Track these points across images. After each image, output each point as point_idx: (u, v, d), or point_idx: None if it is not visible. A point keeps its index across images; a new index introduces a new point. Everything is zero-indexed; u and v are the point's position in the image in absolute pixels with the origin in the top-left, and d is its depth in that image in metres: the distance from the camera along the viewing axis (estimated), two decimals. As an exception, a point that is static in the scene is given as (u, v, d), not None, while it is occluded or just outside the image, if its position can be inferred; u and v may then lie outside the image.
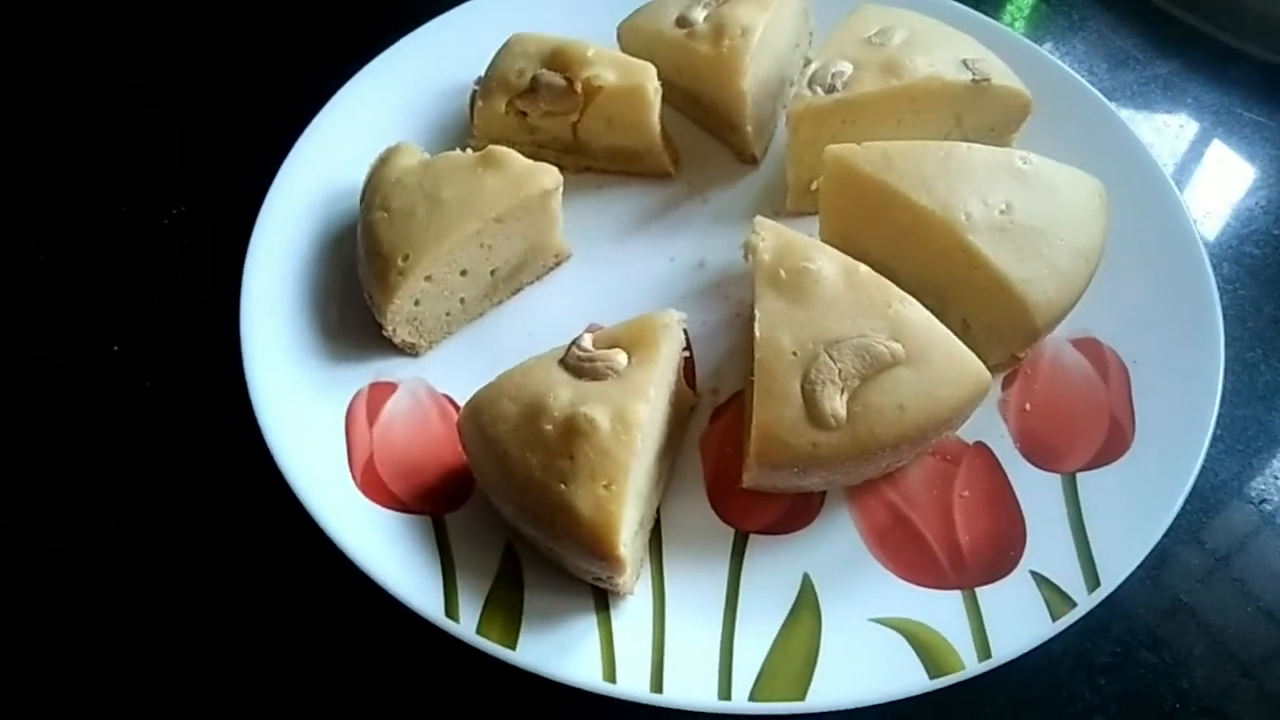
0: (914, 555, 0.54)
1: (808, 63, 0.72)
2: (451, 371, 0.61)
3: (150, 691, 0.54)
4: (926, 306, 0.56)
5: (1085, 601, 0.50)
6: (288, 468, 0.53)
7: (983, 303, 0.56)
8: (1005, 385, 0.60)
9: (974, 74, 0.62)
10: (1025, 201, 0.56)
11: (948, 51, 0.64)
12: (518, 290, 0.65)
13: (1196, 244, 0.62)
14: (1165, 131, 0.77)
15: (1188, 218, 0.63)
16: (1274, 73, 0.79)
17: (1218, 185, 0.74)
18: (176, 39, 0.82)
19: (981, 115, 0.65)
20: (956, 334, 0.55)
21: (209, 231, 0.70)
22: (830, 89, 0.62)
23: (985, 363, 0.54)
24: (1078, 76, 0.70)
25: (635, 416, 0.50)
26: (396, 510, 0.54)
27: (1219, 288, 0.60)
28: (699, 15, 0.67)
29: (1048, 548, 0.53)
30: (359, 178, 0.63)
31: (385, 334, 0.60)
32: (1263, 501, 0.60)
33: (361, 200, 0.62)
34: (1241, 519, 0.59)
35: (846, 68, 0.63)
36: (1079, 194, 0.58)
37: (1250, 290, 0.68)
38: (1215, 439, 0.56)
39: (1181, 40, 0.82)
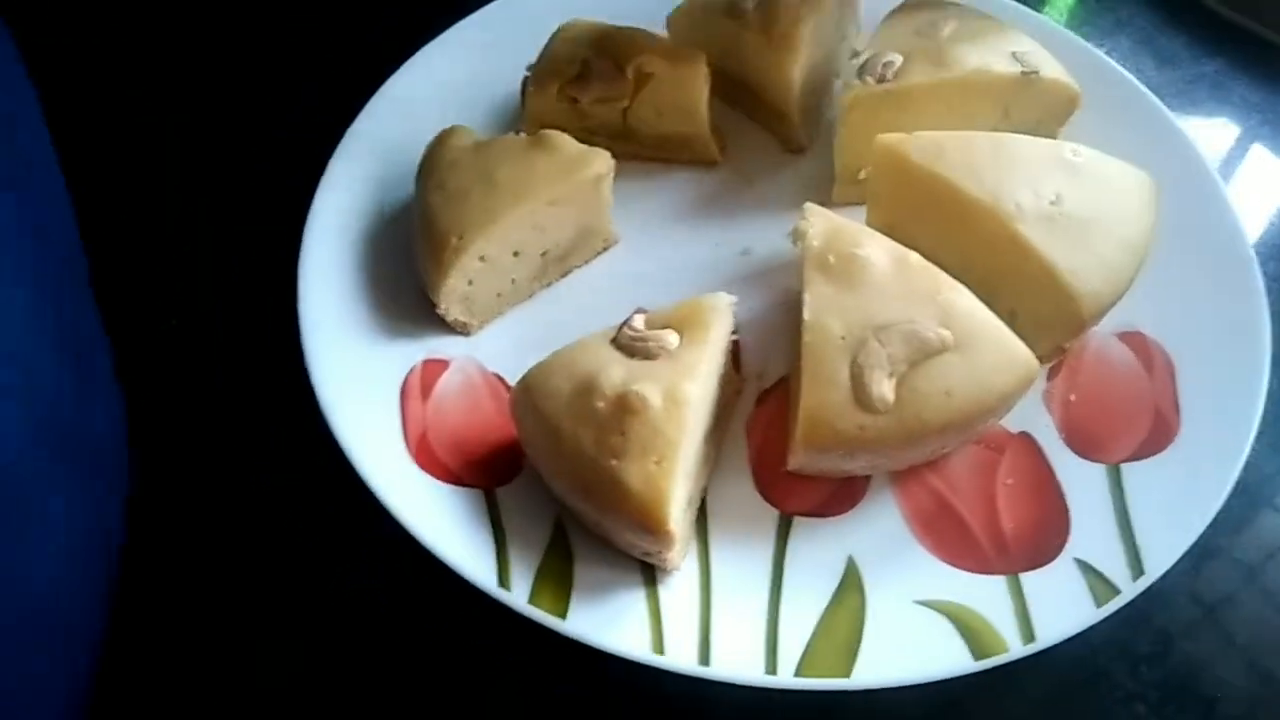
0: (958, 540, 0.54)
1: (855, 54, 0.73)
2: (502, 351, 0.62)
3: (212, 646, 0.55)
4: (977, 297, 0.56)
5: (1129, 589, 0.51)
6: (346, 440, 0.55)
7: (1030, 293, 0.57)
8: (1050, 376, 0.60)
9: (1023, 66, 0.63)
10: (1075, 193, 0.57)
11: (996, 44, 0.64)
12: (567, 273, 0.66)
13: (1243, 240, 0.62)
14: (1211, 129, 0.77)
15: (1234, 214, 0.63)
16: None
17: (1263, 183, 0.74)
18: (243, 18, 0.84)
19: (1029, 107, 0.65)
20: (1008, 325, 0.55)
21: (267, 208, 0.71)
22: (881, 79, 0.63)
23: (1038, 353, 0.54)
24: (1124, 71, 0.70)
25: (686, 395, 0.51)
26: (450, 483, 0.55)
27: (1264, 285, 0.61)
28: (750, 4, 0.68)
29: (1092, 536, 0.53)
30: (415, 159, 0.64)
31: (438, 312, 0.61)
32: (1305, 497, 0.60)
33: (417, 181, 0.63)
34: (1284, 515, 0.60)
35: (896, 58, 0.63)
36: (1128, 186, 0.58)
37: (1295, 289, 0.68)
38: (1259, 434, 0.56)
39: (1228, 39, 0.81)
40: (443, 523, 0.53)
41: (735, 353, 0.62)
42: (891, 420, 0.52)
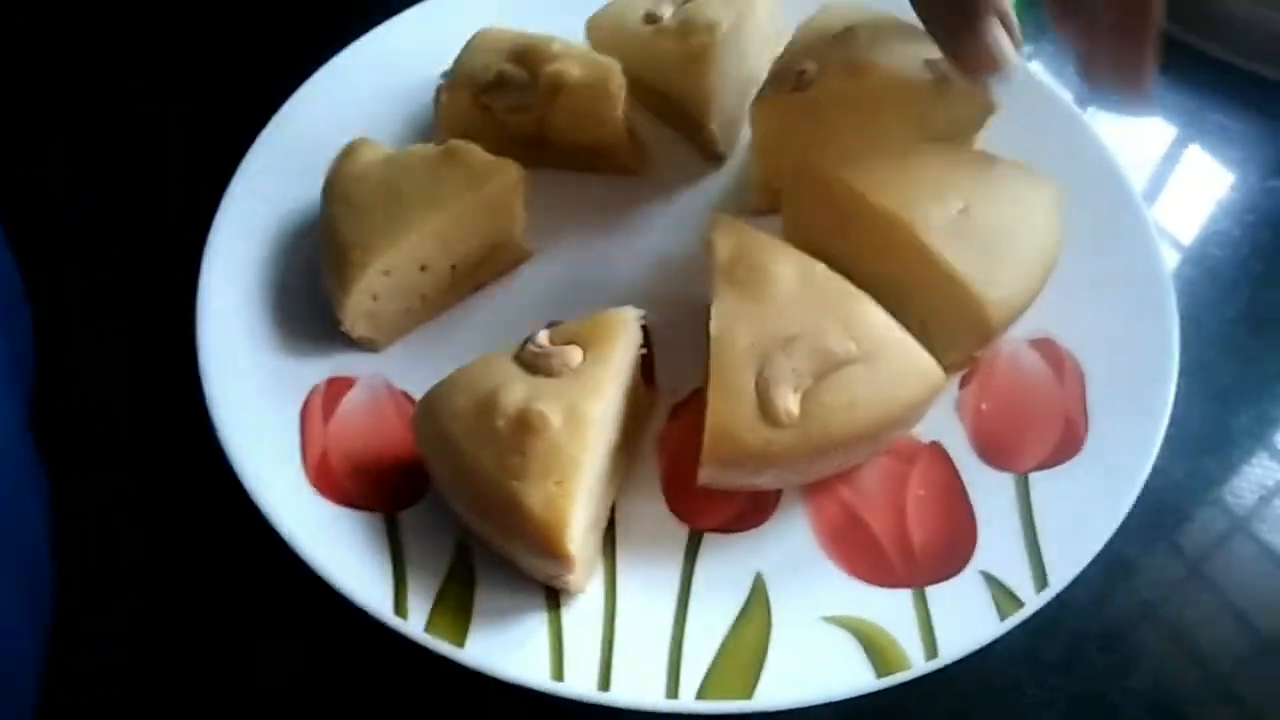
0: (866, 554, 0.54)
1: (774, 60, 0.72)
2: (411, 367, 0.61)
3: (101, 684, 0.54)
4: (887, 307, 0.56)
5: (1033, 601, 0.51)
6: (238, 460, 0.53)
7: (940, 301, 0.57)
8: (963, 384, 0.60)
9: (931, 73, 0.62)
10: (982, 202, 0.56)
11: (912, 51, 0.63)
12: (479, 287, 0.65)
13: (1155, 247, 0.62)
14: (1133, 134, 0.77)
15: (1148, 221, 0.63)
16: (1243, 77, 0.79)
17: (1184, 187, 0.74)
18: (137, 29, 0.82)
19: (944, 115, 0.64)
20: (915, 334, 0.55)
21: (167, 225, 0.70)
22: (794, 87, 0.62)
23: (943, 362, 0.54)
24: (1038, 75, 0.70)
25: (588, 413, 0.50)
26: (349, 507, 0.54)
27: (1179, 288, 0.61)
28: (667, 11, 0.67)
29: (998, 547, 0.53)
30: (321, 174, 0.63)
31: (344, 329, 0.59)
32: (1216, 502, 0.60)
33: (323, 195, 0.62)
34: (1196, 519, 0.60)
35: (810, 66, 0.63)
36: (1037, 195, 0.58)
37: (1210, 292, 0.68)
38: (1170, 440, 0.56)
39: (1158, 46, 0.82)
40: (339, 549, 0.52)
41: (648, 366, 0.61)
42: (797, 434, 0.51)
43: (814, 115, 0.63)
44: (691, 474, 0.56)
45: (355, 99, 0.70)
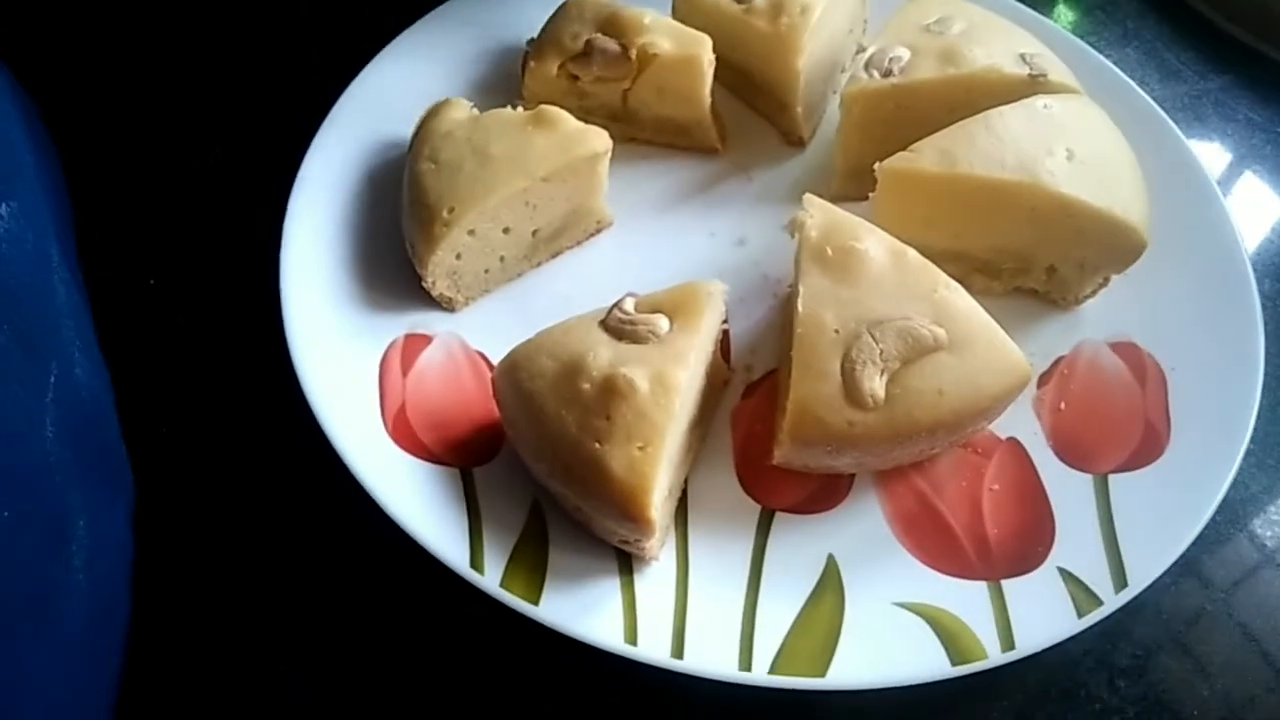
0: (940, 544, 0.54)
1: (861, 49, 0.72)
2: (486, 329, 0.61)
3: (181, 628, 0.54)
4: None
5: (1112, 601, 0.50)
6: (321, 410, 0.53)
7: (1074, 244, 0.58)
8: (1041, 384, 0.60)
9: (1031, 69, 0.62)
10: (1077, 141, 0.58)
11: (1006, 45, 0.63)
12: (557, 253, 0.65)
13: (1241, 253, 0.62)
14: (1213, 145, 0.76)
15: (1233, 227, 0.63)
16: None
17: (1263, 201, 0.73)
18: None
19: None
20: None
21: (253, 172, 0.70)
22: (887, 73, 0.62)
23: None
24: (1128, 79, 0.69)
25: (674, 381, 0.49)
26: (426, 460, 0.54)
27: (1260, 302, 0.60)
28: (757, -9, 0.67)
29: (1076, 546, 0.52)
30: (408, 129, 0.63)
31: (424, 286, 0.59)
32: (1291, 518, 0.59)
33: (409, 151, 0.62)
34: (1270, 533, 0.59)
35: (904, 53, 0.62)
36: (1101, 118, 0.61)
37: (1291, 307, 0.68)
38: (1247, 453, 0.55)
39: (1235, 56, 0.81)
40: (417, 501, 0.52)
41: (724, 343, 0.60)
42: (881, 417, 0.51)
43: (904, 103, 0.62)
44: (764, 453, 0.56)
45: (441, 59, 0.70)
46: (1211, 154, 0.76)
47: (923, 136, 0.59)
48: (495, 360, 0.55)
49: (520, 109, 0.62)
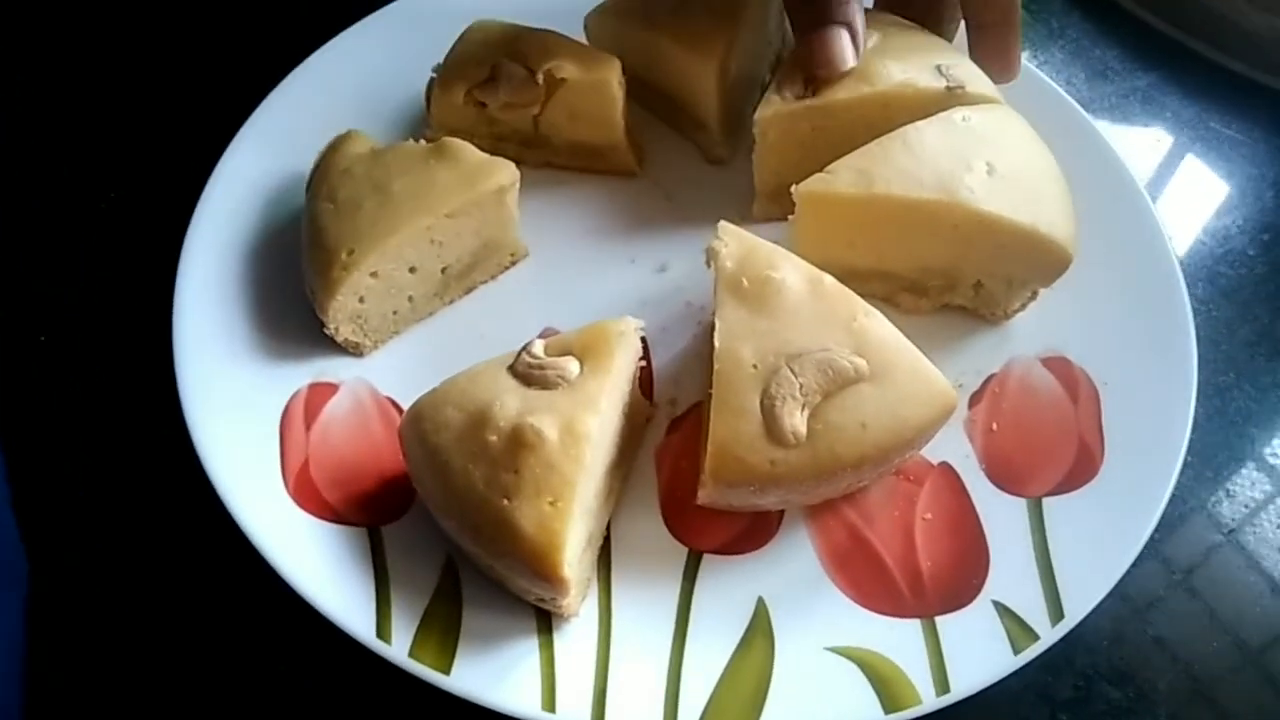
0: (873, 580, 0.52)
1: (779, 62, 0.70)
2: (397, 373, 0.58)
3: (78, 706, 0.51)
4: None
5: (1048, 635, 0.49)
6: (214, 469, 0.51)
7: (999, 259, 0.57)
8: (972, 404, 0.58)
9: (948, 80, 0.60)
10: (996, 153, 0.56)
11: (921, 57, 0.61)
12: (470, 289, 0.62)
13: (1172, 263, 0.60)
14: (1142, 145, 0.75)
15: (1163, 236, 0.62)
16: (1255, 89, 0.77)
17: (1193, 202, 0.72)
18: (119, 16, 0.78)
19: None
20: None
21: (146, 217, 0.66)
22: (800, 95, 0.60)
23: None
24: (1052, 84, 0.68)
25: (584, 429, 0.47)
26: (330, 520, 0.51)
27: (1192, 309, 0.59)
28: (668, 7, 0.64)
29: (1011, 576, 0.51)
30: (305, 167, 0.60)
31: (327, 332, 0.56)
32: (1231, 530, 0.58)
33: (308, 190, 0.59)
34: (1209, 548, 0.58)
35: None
36: (1020, 127, 0.59)
37: (1224, 312, 0.66)
38: (1184, 465, 0.54)
39: (1162, 53, 0.80)
40: (320, 567, 0.49)
41: (646, 378, 0.58)
42: (804, 454, 0.49)
43: (820, 123, 0.60)
44: (690, 492, 0.54)
45: (342, 90, 0.67)
46: (1140, 153, 0.74)
47: (842, 154, 0.57)
48: (407, 405, 0.52)
49: (423, 141, 0.59)
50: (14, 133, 0.71)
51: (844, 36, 0.57)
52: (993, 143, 0.57)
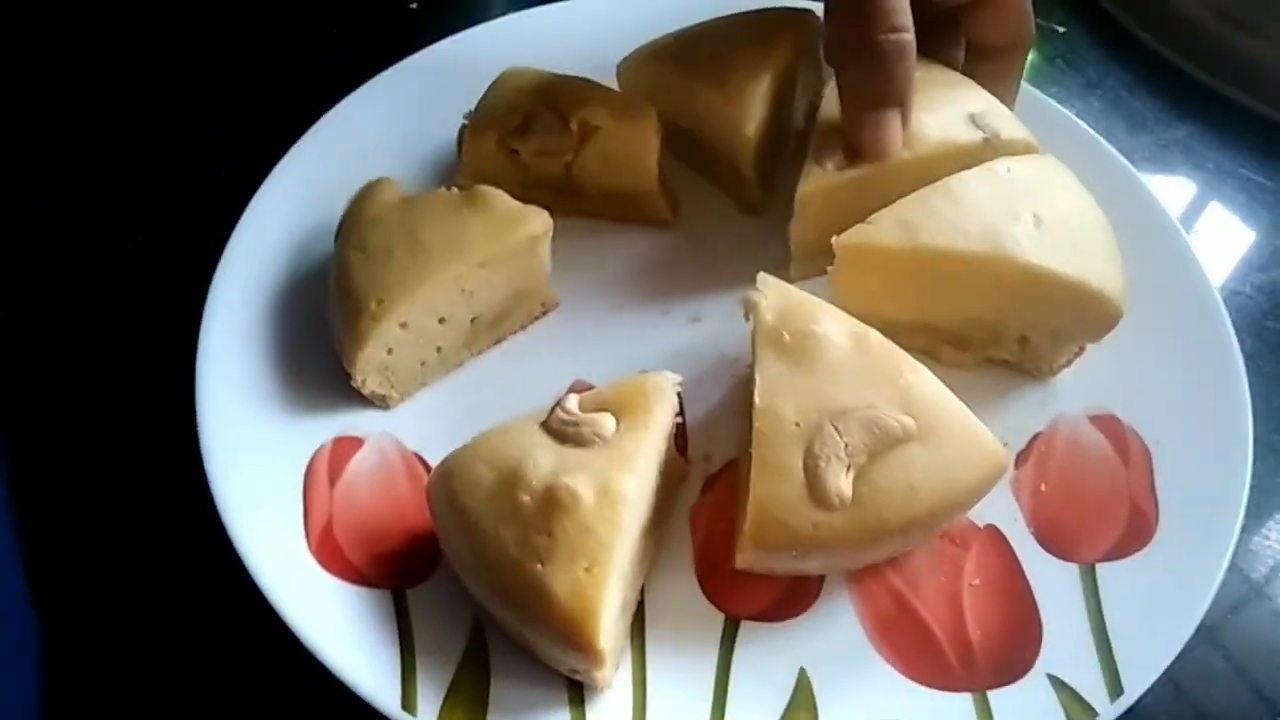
0: (920, 650, 0.49)
1: (813, 110, 0.69)
2: (424, 427, 0.56)
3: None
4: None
5: (1107, 712, 0.46)
6: (235, 529, 0.49)
7: (1046, 313, 0.55)
8: (1019, 463, 0.56)
9: (983, 131, 0.59)
10: (1043, 204, 0.55)
11: (951, 106, 0.59)
12: (500, 340, 0.61)
13: (1222, 317, 0.59)
14: (1184, 195, 0.74)
15: (1212, 290, 0.60)
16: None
17: (1239, 256, 0.71)
18: (150, 58, 0.78)
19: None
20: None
21: (172, 260, 0.65)
22: (840, 166, 0.58)
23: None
24: (1094, 133, 0.67)
25: (621, 490, 0.45)
26: (354, 583, 0.49)
27: (1244, 364, 0.57)
28: (703, 56, 0.63)
29: (1065, 648, 0.48)
30: (335, 215, 0.59)
31: (354, 384, 0.55)
32: (1287, 595, 0.56)
33: (336, 238, 0.58)
34: (1268, 618, 0.55)
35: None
36: (1064, 180, 0.57)
37: (1273, 367, 0.64)
38: (1240, 527, 0.52)
39: (1202, 102, 0.79)
40: (344, 632, 0.47)
41: (680, 434, 0.56)
42: (849, 518, 0.47)
43: (861, 192, 0.59)
44: (727, 555, 0.52)
45: (373, 137, 0.66)
46: (1182, 204, 0.73)
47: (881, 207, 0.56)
48: (435, 461, 0.51)
49: (455, 189, 0.58)
50: (45, 177, 0.71)
51: (896, 121, 0.55)
52: (1038, 194, 0.56)
